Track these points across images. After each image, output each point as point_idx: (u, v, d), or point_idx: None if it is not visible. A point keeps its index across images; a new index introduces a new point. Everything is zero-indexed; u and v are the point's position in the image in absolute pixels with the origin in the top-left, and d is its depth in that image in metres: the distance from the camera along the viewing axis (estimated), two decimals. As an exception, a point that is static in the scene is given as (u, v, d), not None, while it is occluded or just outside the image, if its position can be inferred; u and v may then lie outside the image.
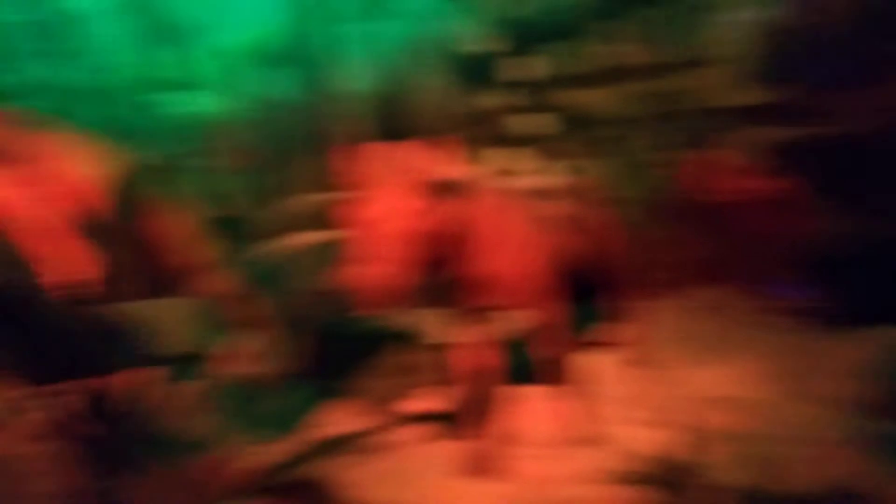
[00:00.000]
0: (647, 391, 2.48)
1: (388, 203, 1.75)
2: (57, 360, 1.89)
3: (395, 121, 2.87)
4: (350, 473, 2.16)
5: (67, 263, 1.91)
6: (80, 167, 2.12)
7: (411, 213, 1.76)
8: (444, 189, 1.83)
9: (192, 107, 3.18)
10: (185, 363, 2.13)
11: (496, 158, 2.74)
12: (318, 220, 2.32)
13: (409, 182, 1.78)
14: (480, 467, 2.16)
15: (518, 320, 2.26)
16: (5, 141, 2.12)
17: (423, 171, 1.80)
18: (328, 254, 2.31)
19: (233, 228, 2.62)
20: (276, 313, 2.45)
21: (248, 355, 2.36)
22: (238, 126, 3.00)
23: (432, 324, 2.58)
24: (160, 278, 2.10)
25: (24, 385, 1.93)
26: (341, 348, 2.57)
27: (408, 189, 1.78)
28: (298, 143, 2.87)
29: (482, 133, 2.76)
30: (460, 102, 2.96)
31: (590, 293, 2.58)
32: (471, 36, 3.15)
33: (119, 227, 2.01)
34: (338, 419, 2.45)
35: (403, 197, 1.77)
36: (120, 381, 1.95)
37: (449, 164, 1.86)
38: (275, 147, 2.91)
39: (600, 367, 2.56)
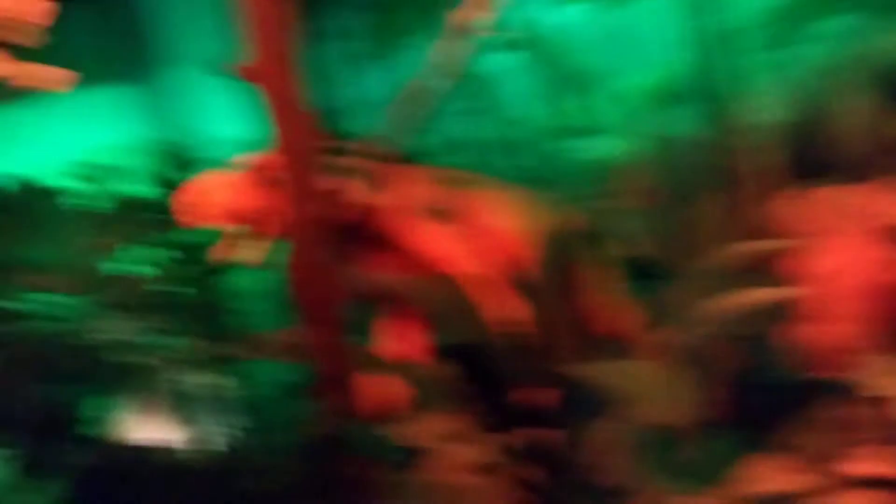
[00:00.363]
0: None
1: (843, 253, 1.60)
2: (502, 406, 2.03)
3: (819, 155, 2.66)
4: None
5: (506, 316, 2.03)
6: (508, 220, 2.25)
7: (871, 264, 1.60)
8: (907, 235, 1.64)
9: (597, 152, 3.26)
10: (606, 411, 2.15)
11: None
12: (749, 268, 2.22)
13: (866, 229, 1.62)
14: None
15: None
16: (440, 198, 2.32)
17: (881, 215, 1.63)
18: (761, 305, 2.20)
19: (645, 272, 2.61)
20: (696, 359, 2.38)
21: (668, 402, 2.32)
22: (643, 167, 3.01)
23: (883, 376, 2.32)
24: (591, 332, 2.15)
25: (471, 422, 2.08)
26: (767, 398, 2.41)
27: (865, 237, 1.61)
28: (707, 183, 2.79)
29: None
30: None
31: None
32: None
33: (549, 280, 2.09)
34: (766, 475, 2.29)
35: (861, 246, 1.61)
36: (561, 432, 2.03)
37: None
38: (682, 187, 2.86)
39: None
